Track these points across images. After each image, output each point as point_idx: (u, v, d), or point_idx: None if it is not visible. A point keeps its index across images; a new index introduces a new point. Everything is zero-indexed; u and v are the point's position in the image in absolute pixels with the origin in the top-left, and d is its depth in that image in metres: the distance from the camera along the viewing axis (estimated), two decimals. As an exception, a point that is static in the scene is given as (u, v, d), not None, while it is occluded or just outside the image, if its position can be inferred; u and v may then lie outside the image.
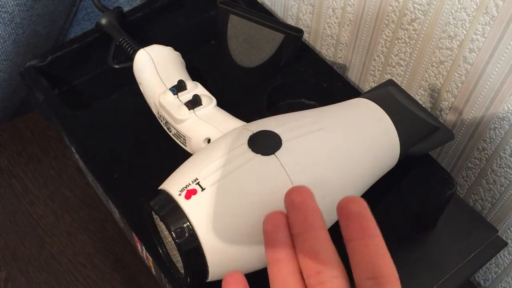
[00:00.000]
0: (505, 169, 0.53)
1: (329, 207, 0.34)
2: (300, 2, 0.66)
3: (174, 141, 0.51)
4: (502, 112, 0.50)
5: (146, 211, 0.41)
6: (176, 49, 0.56)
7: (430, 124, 0.47)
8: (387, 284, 0.29)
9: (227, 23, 0.56)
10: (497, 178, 0.54)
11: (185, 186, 0.38)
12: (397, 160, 0.46)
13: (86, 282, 0.61)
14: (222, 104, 0.50)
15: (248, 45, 0.56)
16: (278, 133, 0.40)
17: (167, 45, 0.55)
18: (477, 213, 0.54)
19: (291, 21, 0.70)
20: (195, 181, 0.38)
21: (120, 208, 0.50)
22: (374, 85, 0.59)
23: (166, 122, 0.50)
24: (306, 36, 0.68)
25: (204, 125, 0.48)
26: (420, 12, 0.52)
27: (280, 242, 0.31)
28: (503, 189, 0.54)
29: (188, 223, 0.37)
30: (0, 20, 0.61)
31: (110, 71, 0.57)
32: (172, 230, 0.37)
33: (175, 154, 0.49)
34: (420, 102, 0.54)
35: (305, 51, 0.60)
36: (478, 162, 0.56)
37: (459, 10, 0.48)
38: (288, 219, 0.32)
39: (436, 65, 0.54)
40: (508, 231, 0.56)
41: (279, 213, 0.32)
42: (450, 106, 0.55)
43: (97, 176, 0.52)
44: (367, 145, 0.43)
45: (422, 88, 0.57)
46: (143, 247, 0.54)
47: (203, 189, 0.38)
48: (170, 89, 0.50)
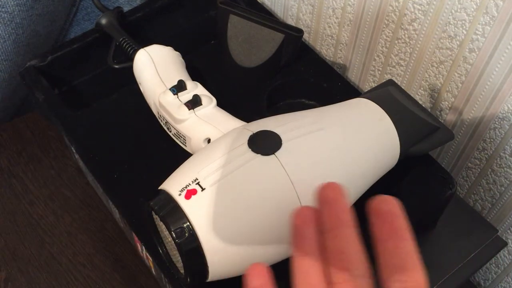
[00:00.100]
0: (505, 169, 0.53)
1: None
2: (300, 2, 0.66)
3: (174, 141, 0.51)
4: (502, 112, 0.50)
5: (146, 211, 0.40)
6: (176, 49, 0.56)
7: (430, 124, 0.47)
8: None
9: (227, 23, 0.56)
10: (497, 178, 0.54)
11: (185, 186, 0.38)
12: (397, 160, 0.46)
13: (86, 282, 0.61)
14: (222, 104, 0.50)
15: (248, 45, 0.56)
16: (278, 133, 0.40)
17: (167, 45, 0.55)
18: (477, 213, 0.54)
19: (291, 21, 0.70)
20: (195, 181, 0.38)
21: (120, 208, 0.50)
22: (374, 85, 0.59)
23: (166, 122, 0.50)
24: (306, 36, 0.68)
25: (204, 125, 0.48)
26: (420, 12, 0.52)
27: (307, 237, 0.31)
28: (503, 189, 0.54)
29: (188, 223, 0.37)
30: (0, 20, 0.61)
31: (110, 71, 0.57)
32: (172, 230, 0.37)
33: (175, 154, 0.48)
34: (420, 102, 0.54)
35: (305, 51, 0.60)
36: (478, 162, 0.56)
37: (459, 10, 0.48)
38: (319, 215, 0.32)
39: (436, 65, 0.54)
40: (508, 231, 0.56)
41: (309, 208, 0.32)
42: (450, 106, 0.55)
43: (97, 176, 0.52)
44: (367, 145, 0.43)
45: (422, 88, 0.57)
46: (143, 247, 0.54)
47: (203, 189, 0.38)
48: (170, 89, 0.50)
